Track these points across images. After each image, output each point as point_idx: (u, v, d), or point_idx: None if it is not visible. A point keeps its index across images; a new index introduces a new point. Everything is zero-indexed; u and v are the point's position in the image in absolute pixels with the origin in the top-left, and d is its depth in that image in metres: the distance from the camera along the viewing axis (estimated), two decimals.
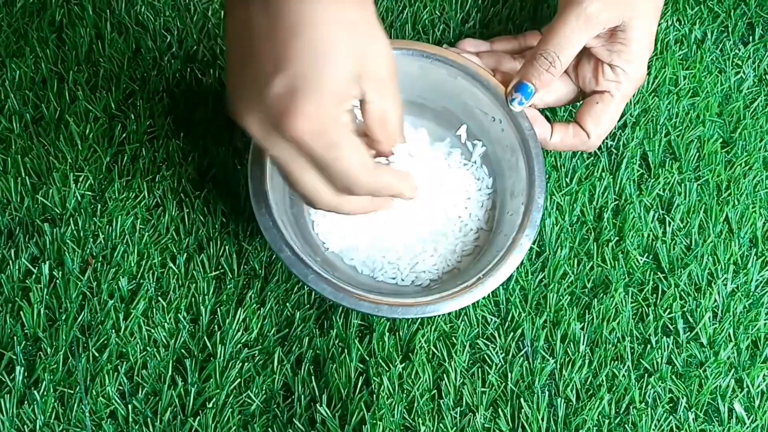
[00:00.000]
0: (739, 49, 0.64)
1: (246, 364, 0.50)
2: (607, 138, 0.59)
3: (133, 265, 0.52)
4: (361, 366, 0.51)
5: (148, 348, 0.50)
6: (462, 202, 0.55)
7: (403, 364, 0.51)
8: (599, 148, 0.59)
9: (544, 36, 0.52)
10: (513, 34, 0.61)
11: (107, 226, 0.53)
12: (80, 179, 0.54)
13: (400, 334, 0.52)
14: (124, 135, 0.56)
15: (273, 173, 0.49)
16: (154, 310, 0.51)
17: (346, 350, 0.51)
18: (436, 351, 0.52)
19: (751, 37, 0.65)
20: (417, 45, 0.53)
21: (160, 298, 0.51)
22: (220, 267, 0.53)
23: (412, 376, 0.50)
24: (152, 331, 0.50)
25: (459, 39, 0.61)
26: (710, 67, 0.63)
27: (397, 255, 0.53)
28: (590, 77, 0.54)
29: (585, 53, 0.53)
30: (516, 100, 0.52)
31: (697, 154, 0.59)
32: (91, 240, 0.52)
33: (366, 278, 0.53)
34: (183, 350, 0.50)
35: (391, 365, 0.50)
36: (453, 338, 0.52)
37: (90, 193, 0.54)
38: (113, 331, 0.50)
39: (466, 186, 0.55)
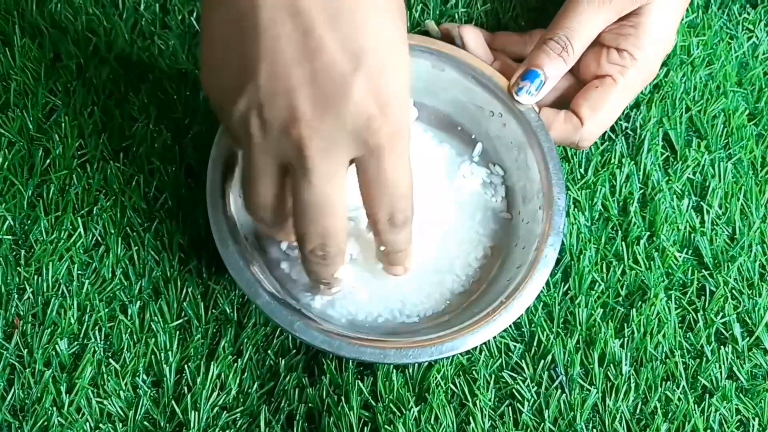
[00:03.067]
0: (748, 13, 0.59)
1: (227, 431, 0.44)
2: (620, 118, 0.52)
3: (73, 322, 0.45)
4: (366, 414, 0.44)
5: (101, 425, 0.43)
6: (466, 215, 0.48)
7: (419, 407, 0.44)
8: (613, 131, 0.53)
9: (553, 21, 0.47)
10: (517, 29, 0.55)
11: (35, 277, 0.46)
12: None
13: (410, 371, 0.45)
14: (48, 161, 0.49)
15: (237, 203, 0.43)
16: (105, 376, 0.44)
17: (343, 397, 0.44)
18: (455, 389, 0.45)
19: None
20: None
21: (111, 361, 0.44)
22: (183, 314, 0.46)
23: (432, 421, 0.44)
24: (104, 403, 0.44)
25: (440, 20, 0.56)
26: (720, 33, 0.58)
27: (396, 284, 0.46)
28: (592, 62, 0.49)
29: None
30: (524, 89, 0.46)
31: (725, 129, 0.54)
32: (16, 296, 0.46)
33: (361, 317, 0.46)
34: (146, 422, 0.44)
35: (404, 409, 0.44)
36: (473, 372, 0.46)
37: (10, 237, 0.47)
38: (54, 408, 0.43)
39: (471, 198, 0.49)
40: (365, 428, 0.44)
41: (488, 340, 0.46)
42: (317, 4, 0.33)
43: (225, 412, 0.44)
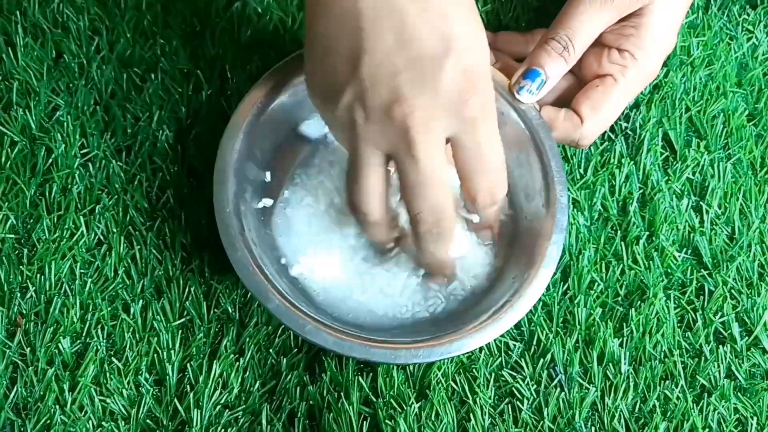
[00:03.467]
0: (748, 14, 0.59)
1: (229, 429, 0.44)
2: (619, 119, 0.52)
3: (75, 321, 0.45)
4: (366, 409, 0.45)
5: (103, 423, 0.43)
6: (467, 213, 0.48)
7: (419, 404, 0.44)
8: (612, 131, 0.52)
9: (555, 20, 0.47)
10: (518, 29, 0.55)
11: (38, 276, 0.46)
12: None
13: (411, 368, 0.46)
14: (51, 160, 0.49)
15: (246, 207, 0.43)
16: (108, 374, 0.44)
17: (344, 394, 0.45)
18: (455, 386, 0.45)
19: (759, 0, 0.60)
20: None
21: (113, 359, 0.44)
22: (185, 313, 0.46)
23: (432, 418, 0.44)
24: (107, 401, 0.44)
25: None
26: (720, 34, 0.58)
27: (401, 282, 0.46)
28: (593, 62, 0.49)
29: None
30: (525, 88, 0.46)
31: (724, 129, 0.54)
32: (19, 295, 0.46)
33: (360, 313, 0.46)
34: (149, 421, 0.44)
35: (404, 405, 0.44)
36: (473, 370, 0.46)
37: (12, 235, 0.47)
38: (57, 407, 0.43)
39: None
40: (365, 423, 0.44)
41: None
42: (409, 2, 0.37)
43: (227, 410, 0.44)
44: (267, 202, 0.46)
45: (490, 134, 0.40)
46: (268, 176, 0.47)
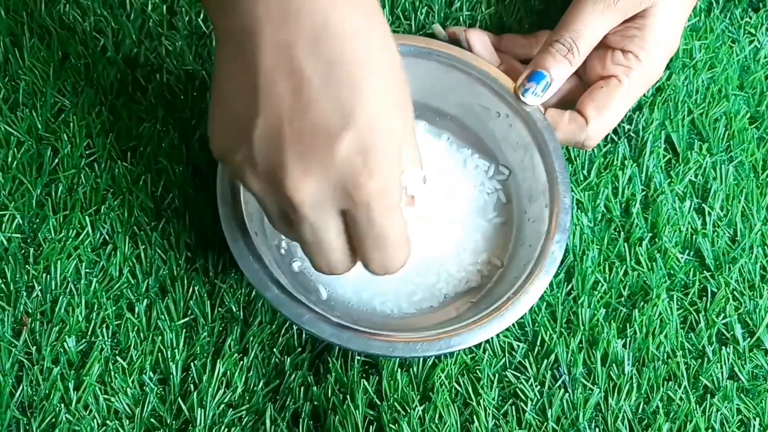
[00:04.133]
0: (750, 17, 0.59)
1: (233, 428, 0.43)
2: (622, 121, 0.52)
3: (80, 320, 0.45)
4: (371, 412, 0.44)
5: (108, 422, 0.43)
6: (473, 213, 0.48)
7: (423, 406, 0.44)
8: (615, 133, 0.52)
9: (559, 23, 0.48)
10: (522, 32, 0.55)
11: (44, 275, 0.46)
12: (5, 219, 0.47)
13: (415, 370, 0.45)
14: (57, 161, 0.49)
15: (248, 196, 0.42)
16: (113, 373, 0.44)
17: (349, 396, 0.44)
18: (459, 388, 0.45)
19: (761, 3, 0.60)
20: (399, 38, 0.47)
21: (118, 358, 0.44)
22: (189, 312, 0.46)
23: (436, 420, 0.44)
24: (112, 400, 0.43)
25: (445, 23, 0.56)
26: (722, 37, 0.58)
27: (406, 278, 0.46)
28: (597, 63, 0.49)
29: None
30: (530, 90, 0.47)
31: (726, 132, 0.54)
32: (25, 294, 0.45)
33: (365, 310, 0.46)
34: (153, 419, 0.43)
35: (408, 408, 0.44)
36: (477, 371, 0.46)
37: (19, 235, 0.47)
38: (62, 405, 0.43)
39: (477, 195, 0.49)
40: (370, 427, 0.43)
41: (491, 340, 0.46)
42: (312, 65, 0.33)
43: (231, 409, 0.44)
44: None
45: (386, 216, 0.36)
46: None
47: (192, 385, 0.44)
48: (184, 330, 0.45)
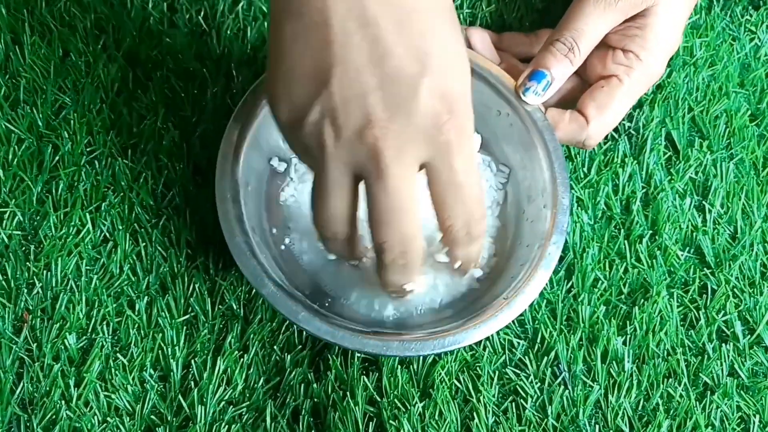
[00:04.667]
0: (751, 15, 0.59)
1: (233, 425, 0.43)
2: (623, 118, 0.52)
3: (81, 317, 0.45)
4: (371, 409, 0.44)
5: (108, 419, 0.43)
6: None
7: (423, 403, 0.44)
8: (616, 131, 0.53)
9: (560, 22, 0.48)
10: (523, 30, 0.55)
11: (44, 272, 0.46)
12: (5, 216, 0.47)
13: (415, 367, 0.46)
14: (57, 158, 0.49)
15: (246, 194, 0.43)
16: (113, 370, 0.44)
17: (349, 393, 0.44)
18: (459, 385, 0.45)
19: (761, 1, 0.60)
20: None
21: (118, 355, 0.44)
22: (190, 310, 0.46)
23: (436, 417, 0.44)
24: (112, 397, 0.43)
25: None
26: (723, 35, 0.58)
27: None
28: (598, 63, 0.49)
29: None
30: (531, 89, 0.46)
31: (726, 129, 0.54)
32: (26, 291, 0.45)
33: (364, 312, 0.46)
34: (153, 417, 0.43)
35: (408, 404, 0.44)
36: (477, 368, 0.46)
37: (19, 232, 0.47)
38: (63, 402, 0.43)
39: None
40: (370, 424, 0.44)
41: (492, 337, 0.46)
42: (385, 14, 0.34)
43: (231, 406, 0.44)
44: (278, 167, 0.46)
45: (466, 162, 0.37)
46: (273, 163, 0.47)
47: (192, 382, 0.44)
48: (185, 327, 0.45)
